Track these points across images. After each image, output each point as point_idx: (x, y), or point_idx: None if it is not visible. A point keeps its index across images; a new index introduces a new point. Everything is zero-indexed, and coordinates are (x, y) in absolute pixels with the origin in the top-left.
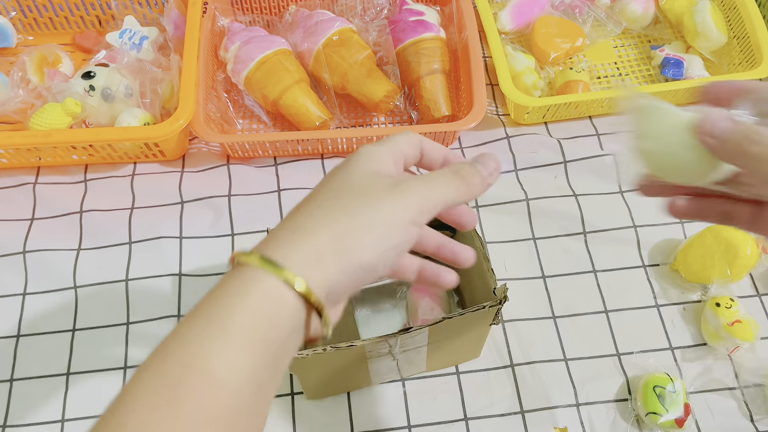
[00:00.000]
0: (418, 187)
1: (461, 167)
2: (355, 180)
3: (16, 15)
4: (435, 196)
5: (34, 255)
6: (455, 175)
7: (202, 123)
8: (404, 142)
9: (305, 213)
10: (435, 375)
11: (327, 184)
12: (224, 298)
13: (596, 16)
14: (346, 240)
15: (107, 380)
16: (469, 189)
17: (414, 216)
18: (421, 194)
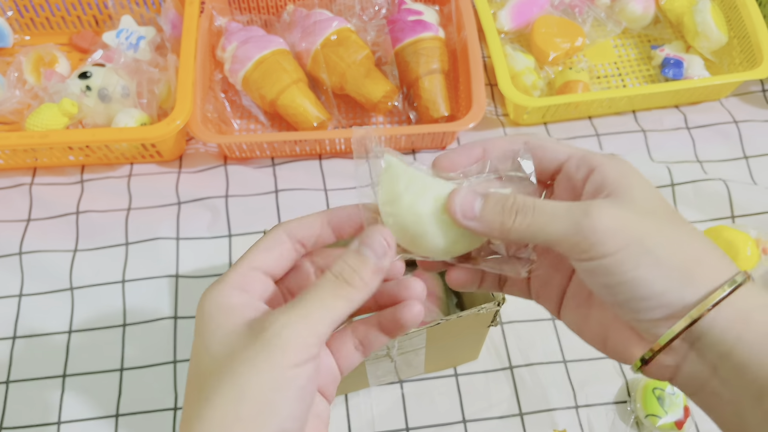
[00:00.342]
0: (288, 323)
1: (343, 266)
2: (212, 347)
3: (12, 15)
4: (314, 323)
5: (30, 256)
6: (337, 281)
7: (199, 123)
8: (264, 248)
9: (185, 415)
10: (433, 377)
11: (189, 370)
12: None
13: (596, 15)
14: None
15: (104, 382)
16: (361, 290)
17: (296, 360)
18: (295, 330)
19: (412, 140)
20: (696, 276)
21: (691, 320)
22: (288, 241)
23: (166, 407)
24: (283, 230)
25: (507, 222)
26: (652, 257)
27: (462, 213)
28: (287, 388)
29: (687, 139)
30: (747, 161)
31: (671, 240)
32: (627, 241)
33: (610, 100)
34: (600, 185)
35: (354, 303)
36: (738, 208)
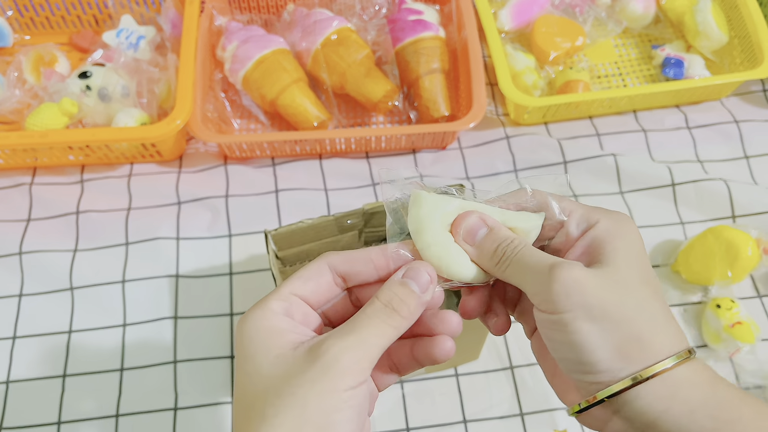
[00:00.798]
0: (346, 348)
1: (392, 296)
2: (264, 368)
3: (12, 14)
4: (368, 349)
5: (30, 256)
6: (386, 309)
7: (199, 123)
8: (304, 277)
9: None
10: (434, 377)
11: (236, 390)
12: None
13: (597, 15)
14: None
15: (104, 382)
16: (407, 319)
17: (353, 383)
18: (349, 355)
19: (413, 140)
20: (633, 355)
21: (614, 392)
22: (329, 273)
23: (166, 407)
24: (326, 262)
25: (495, 259)
26: (595, 328)
27: (464, 235)
28: (346, 409)
29: (688, 139)
30: (748, 161)
31: (622, 315)
32: (578, 304)
33: (610, 100)
34: (588, 244)
35: (400, 331)
36: (739, 208)
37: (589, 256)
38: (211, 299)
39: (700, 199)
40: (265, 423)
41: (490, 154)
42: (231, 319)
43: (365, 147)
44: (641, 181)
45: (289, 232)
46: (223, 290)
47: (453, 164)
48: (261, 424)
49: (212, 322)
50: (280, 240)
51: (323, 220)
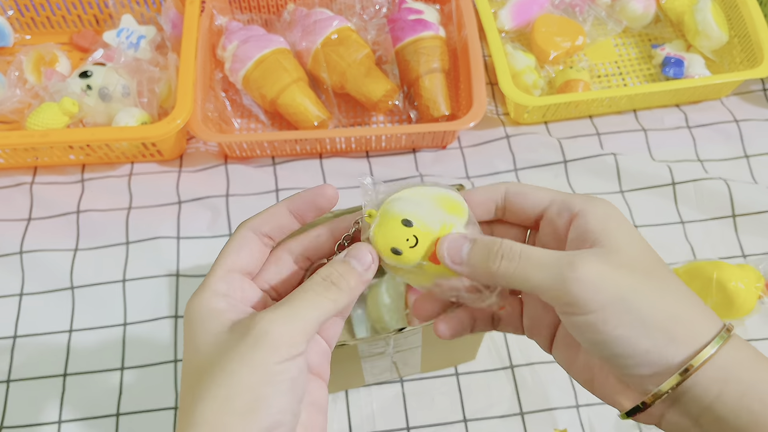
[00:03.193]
0: (276, 320)
1: (331, 271)
2: (200, 347)
3: (13, 14)
4: (301, 321)
5: (31, 255)
6: (324, 283)
7: (199, 122)
8: (234, 249)
9: (180, 413)
10: (434, 376)
11: (181, 374)
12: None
13: (597, 14)
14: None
15: (104, 381)
16: (346, 293)
17: (285, 355)
18: (279, 328)
19: (413, 139)
20: (678, 335)
21: (677, 381)
22: (255, 237)
23: (166, 406)
24: (247, 228)
25: (492, 266)
26: (635, 316)
27: (450, 258)
28: (277, 382)
29: (688, 138)
30: (748, 160)
31: (653, 297)
32: (610, 298)
33: (610, 99)
34: (583, 233)
35: (338, 304)
36: (739, 207)
37: (585, 243)
38: None
39: (701, 199)
40: (199, 399)
41: (490, 153)
42: None
43: (365, 146)
44: (641, 181)
45: None
46: None
47: (453, 163)
48: (195, 402)
49: None
50: None
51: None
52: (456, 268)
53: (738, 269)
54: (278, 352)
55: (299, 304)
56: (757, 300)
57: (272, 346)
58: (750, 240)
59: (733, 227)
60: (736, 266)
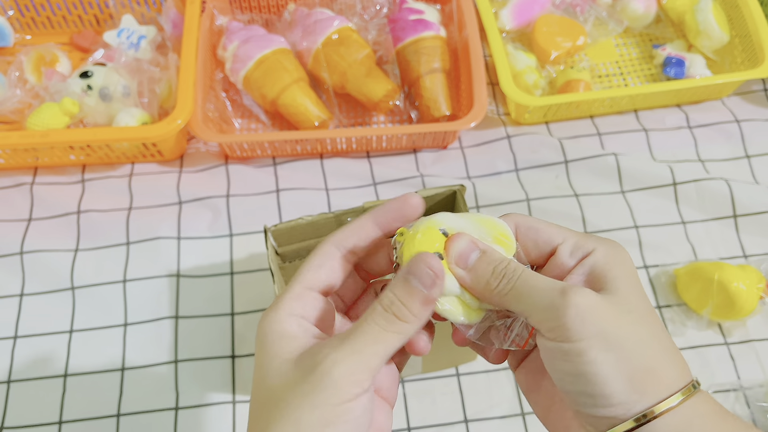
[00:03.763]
0: (339, 360)
1: (392, 299)
2: (268, 378)
3: (13, 14)
4: (364, 359)
5: (31, 256)
6: (386, 315)
7: (200, 123)
8: (314, 265)
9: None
10: (435, 376)
11: (251, 395)
12: None
13: (597, 14)
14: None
15: (105, 382)
16: (412, 323)
17: (348, 396)
18: (346, 367)
19: (414, 139)
20: (646, 388)
21: (630, 427)
22: (338, 253)
23: (167, 407)
24: (331, 243)
25: (492, 283)
26: (612, 357)
27: (456, 259)
28: (341, 422)
29: (689, 139)
30: (749, 160)
31: (636, 344)
32: (593, 332)
33: (611, 100)
34: (588, 271)
35: (405, 336)
36: (740, 208)
37: (589, 285)
38: (212, 299)
39: (702, 199)
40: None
41: (491, 153)
42: (232, 319)
43: (366, 146)
44: (642, 181)
45: (288, 228)
46: (224, 290)
47: (454, 164)
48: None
49: (213, 321)
50: (279, 236)
51: (323, 217)
52: (457, 271)
53: (739, 270)
54: (341, 393)
55: (361, 340)
56: (758, 301)
57: (334, 387)
58: (751, 240)
59: (734, 227)
60: (738, 267)
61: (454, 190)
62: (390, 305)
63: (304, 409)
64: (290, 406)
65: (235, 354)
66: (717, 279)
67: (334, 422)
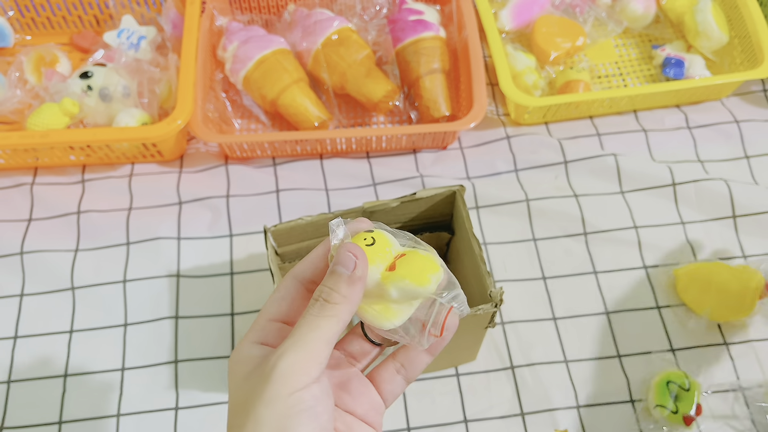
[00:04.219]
0: (283, 354)
1: (321, 288)
2: (233, 396)
3: (13, 15)
4: (307, 348)
5: (31, 256)
6: (318, 303)
7: (200, 123)
8: (276, 299)
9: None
10: (434, 377)
11: (227, 417)
12: None
13: (597, 15)
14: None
15: (105, 382)
16: (342, 304)
17: (298, 385)
18: (290, 358)
19: (413, 140)
20: None
21: None
22: (298, 285)
23: (167, 407)
24: (291, 276)
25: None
26: None
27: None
28: (296, 413)
29: (688, 139)
30: (748, 161)
31: None
32: None
33: (611, 100)
34: None
35: (340, 318)
36: (739, 208)
37: None
38: (212, 299)
39: (701, 199)
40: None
41: (490, 153)
42: (232, 319)
43: (366, 147)
44: (642, 181)
45: (288, 228)
46: (224, 290)
47: (453, 164)
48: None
49: (213, 321)
50: (279, 236)
51: (323, 217)
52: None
53: (738, 270)
54: (289, 383)
55: (302, 331)
56: (757, 301)
57: (282, 378)
58: (750, 241)
59: (733, 228)
60: (737, 267)
61: (453, 191)
62: (320, 294)
63: (260, 406)
64: (249, 411)
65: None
66: (716, 279)
67: (289, 414)
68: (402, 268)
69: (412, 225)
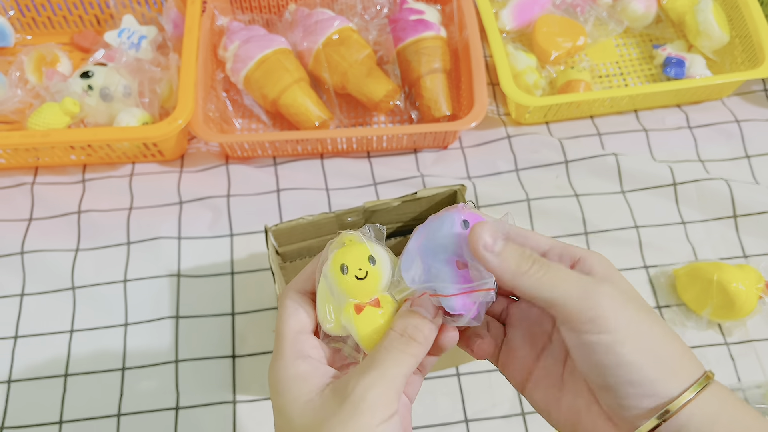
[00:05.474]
0: (371, 385)
1: (406, 324)
2: (295, 419)
3: (14, 14)
4: (391, 380)
5: (32, 255)
6: (403, 339)
7: (201, 123)
8: (291, 312)
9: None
10: (436, 376)
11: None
12: None
13: (598, 14)
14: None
15: (105, 382)
16: (423, 345)
17: (383, 417)
18: (374, 391)
19: (414, 139)
20: (679, 370)
21: (666, 414)
22: (303, 297)
23: (167, 407)
24: (293, 291)
25: (523, 266)
26: (649, 344)
27: (483, 244)
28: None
29: (689, 139)
30: (749, 160)
31: (661, 333)
32: (629, 323)
33: (611, 100)
34: (590, 273)
35: (418, 358)
36: (740, 208)
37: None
38: (213, 299)
39: (702, 199)
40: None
41: (491, 153)
42: (232, 319)
43: (367, 147)
44: (642, 181)
45: (289, 228)
46: (224, 290)
47: (454, 164)
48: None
49: (214, 321)
50: (280, 236)
51: (324, 217)
52: (485, 255)
53: (739, 270)
54: (377, 415)
55: (386, 364)
56: (757, 301)
57: (371, 410)
58: (751, 240)
59: (734, 228)
60: (737, 267)
61: (454, 190)
62: (404, 330)
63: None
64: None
65: (235, 354)
66: (716, 279)
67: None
68: (364, 325)
69: (413, 225)
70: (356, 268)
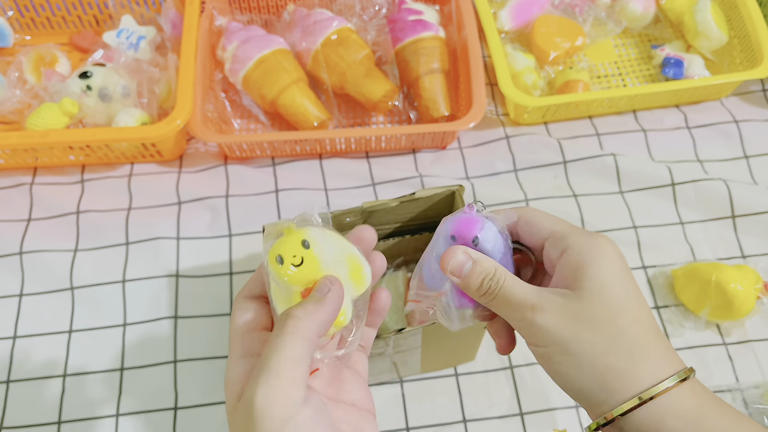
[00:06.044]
0: (256, 389)
1: (288, 309)
2: (231, 424)
3: (13, 14)
4: (281, 376)
5: (30, 256)
6: (278, 321)
7: (199, 123)
8: (240, 320)
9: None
10: (433, 376)
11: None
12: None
13: (596, 15)
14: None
15: (104, 382)
16: (302, 321)
17: (284, 417)
18: (261, 396)
19: (413, 140)
20: (611, 387)
21: (605, 420)
22: (252, 300)
23: (166, 407)
24: (239, 298)
25: (482, 289)
26: (574, 360)
27: (452, 269)
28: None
29: (687, 139)
30: (747, 161)
31: (593, 348)
32: (554, 341)
33: (610, 100)
34: (565, 271)
35: (303, 334)
36: (738, 208)
37: (566, 281)
38: (212, 299)
39: (700, 199)
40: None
41: (490, 153)
42: None
43: (365, 147)
44: (641, 181)
45: None
46: (223, 290)
47: (453, 164)
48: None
49: (212, 321)
50: None
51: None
52: (452, 279)
53: (737, 270)
54: (276, 417)
55: (266, 356)
56: (756, 301)
57: (264, 416)
58: (749, 241)
59: (732, 228)
60: (735, 267)
61: (452, 191)
62: (287, 314)
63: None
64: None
65: None
66: (714, 280)
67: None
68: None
69: (411, 225)
70: (291, 255)
